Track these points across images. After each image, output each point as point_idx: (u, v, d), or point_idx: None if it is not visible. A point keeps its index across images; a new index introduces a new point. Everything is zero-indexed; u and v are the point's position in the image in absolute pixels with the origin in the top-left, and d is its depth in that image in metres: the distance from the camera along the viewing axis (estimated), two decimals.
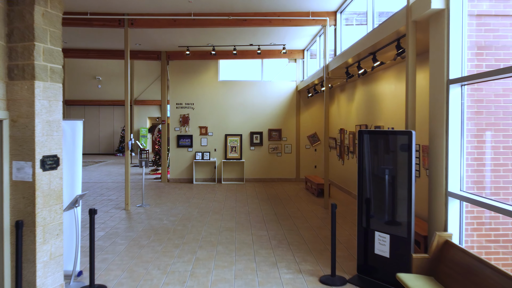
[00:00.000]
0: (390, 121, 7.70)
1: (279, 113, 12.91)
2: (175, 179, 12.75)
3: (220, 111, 12.83)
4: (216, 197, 10.08)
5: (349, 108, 10.49)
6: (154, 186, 11.82)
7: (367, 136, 4.66)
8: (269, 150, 12.88)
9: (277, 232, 6.75)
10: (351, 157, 10.23)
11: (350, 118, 10.33)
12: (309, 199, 9.87)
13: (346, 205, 9.10)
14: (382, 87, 8.15)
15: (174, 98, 12.82)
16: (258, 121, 12.87)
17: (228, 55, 12.47)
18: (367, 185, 4.65)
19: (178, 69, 12.80)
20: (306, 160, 12.96)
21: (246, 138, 12.87)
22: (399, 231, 4.28)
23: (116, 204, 9.04)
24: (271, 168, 12.90)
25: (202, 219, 7.66)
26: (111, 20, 8.49)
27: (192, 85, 12.81)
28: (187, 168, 12.75)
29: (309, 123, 12.97)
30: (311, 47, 12.33)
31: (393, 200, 4.40)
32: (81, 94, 25.02)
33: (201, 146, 12.79)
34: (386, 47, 5.93)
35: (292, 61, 13.00)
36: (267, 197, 10.12)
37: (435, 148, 4.20)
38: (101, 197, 10.00)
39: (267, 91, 12.90)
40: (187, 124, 12.75)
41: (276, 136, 12.90)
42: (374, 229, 4.53)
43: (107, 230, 6.81)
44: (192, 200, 9.58)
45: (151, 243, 6.07)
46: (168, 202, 9.39)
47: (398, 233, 4.28)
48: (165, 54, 12.59)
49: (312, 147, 12.97)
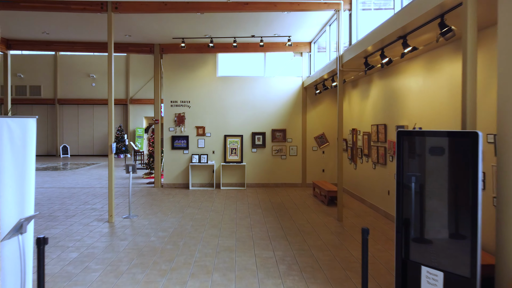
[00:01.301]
0: (416, 120, 6.57)
1: (283, 111, 11.78)
2: (169, 184, 11.62)
3: (219, 110, 11.70)
4: (214, 206, 8.96)
5: (363, 106, 9.36)
6: (145, 193, 10.70)
7: (413, 139, 3.53)
8: (273, 153, 11.75)
9: (286, 253, 5.62)
10: (365, 161, 9.10)
11: (365, 117, 9.20)
12: (319, 208, 8.74)
13: (362, 216, 7.97)
14: (406, 81, 7.02)
15: (168, 95, 11.69)
16: (260, 121, 11.75)
17: (227, 48, 11.35)
18: (411, 203, 3.52)
19: (173, 63, 11.67)
20: (313, 163, 11.83)
21: (248, 139, 11.74)
22: (458, 267, 3.15)
23: (99, 215, 7.92)
24: (275, 172, 11.77)
25: (196, 234, 6.53)
26: (92, 3, 7.37)
27: (188, 81, 11.69)
28: (182, 172, 11.62)
29: (317, 122, 11.84)
30: (318, 39, 11.22)
31: (451, 223, 3.27)
32: (74, 93, 23.89)
33: (198, 148, 11.66)
34: (421, 28, 4.80)
35: (298, 54, 11.87)
36: (271, 206, 8.99)
37: (508, 157, 3.08)
38: (84, 206, 8.88)
39: (271, 88, 11.78)
40: (182, 124, 11.63)
41: (280, 137, 11.77)
42: (420, 263, 3.40)
43: (82, 251, 5.68)
44: (186, 210, 8.45)
45: (132, 269, 4.94)
46: (159, 212, 8.27)
47: (457, 270, 3.15)
48: (159, 47, 11.47)
49: (319, 149, 11.84)
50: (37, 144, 27.25)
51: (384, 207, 7.98)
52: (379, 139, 8.21)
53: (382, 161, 8.04)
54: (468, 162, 3.09)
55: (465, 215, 3.12)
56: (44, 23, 9.42)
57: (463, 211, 3.17)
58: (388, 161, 7.76)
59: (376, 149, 8.31)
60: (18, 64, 23.28)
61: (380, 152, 8.14)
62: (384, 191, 7.98)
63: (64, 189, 11.21)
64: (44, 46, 11.28)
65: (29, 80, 23.66)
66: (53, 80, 23.72)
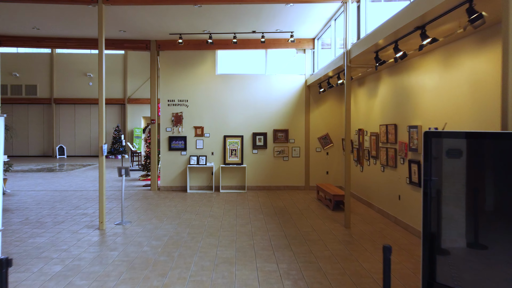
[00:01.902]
0: (431, 120, 6.06)
1: (285, 111, 11.27)
2: (166, 187, 11.11)
3: (218, 109, 11.20)
4: (213, 210, 8.45)
5: (370, 104, 8.85)
6: (141, 196, 10.19)
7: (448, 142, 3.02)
8: (275, 154, 11.24)
9: (291, 265, 5.11)
10: (373, 163, 8.60)
11: (372, 116, 8.69)
12: (324, 213, 8.23)
13: (370, 222, 7.46)
14: (419, 77, 6.51)
15: (165, 94, 11.18)
16: (261, 121, 11.24)
17: (227, 44, 10.85)
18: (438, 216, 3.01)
19: (170, 60, 11.17)
20: (317, 165, 11.31)
21: (248, 140, 11.24)
22: None
23: (90, 221, 7.41)
24: (277, 175, 11.26)
25: (193, 244, 6.02)
26: None
27: (186, 79, 11.18)
28: (180, 174, 11.11)
29: (320, 122, 11.33)
30: (322, 35, 10.71)
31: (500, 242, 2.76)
32: (71, 92, 23.39)
33: (196, 149, 11.15)
34: (444, 16, 4.29)
35: (301, 51, 11.36)
36: (274, 211, 8.49)
37: None
38: (75, 210, 8.37)
39: (272, 86, 11.27)
40: (180, 124, 11.13)
41: (283, 138, 11.26)
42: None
43: (67, 263, 5.17)
44: (183, 215, 7.94)
45: (120, 286, 4.44)
46: (154, 218, 7.76)
47: None
48: (155, 43, 10.97)
49: (323, 150, 11.33)
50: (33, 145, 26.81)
51: (394, 212, 7.47)
52: (388, 140, 7.70)
53: (392, 164, 7.53)
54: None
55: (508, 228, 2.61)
56: (34, 17, 8.91)
57: (504, 225, 2.66)
58: (398, 163, 7.26)
59: (385, 150, 7.80)
60: (13, 63, 22.79)
61: (389, 154, 7.63)
62: (394, 195, 7.47)
63: (56, 192, 10.71)
64: (35, 42, 10.77)
65: (24, 79, 23.16)
66: (50, 79, 23.22)
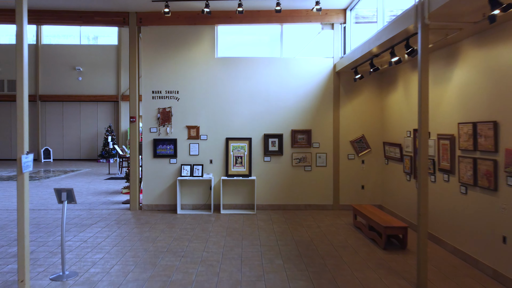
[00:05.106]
0: None
1: (307, 106, 8.55)
2: (150, 206, 8.46)
3: (218, 103, 8.51)
4: (208, 249, 5.77)
5: (438, 94, 6.09)
6: (113, 220, 7.54)
7: None
8: (293, 162, 8.52)
9: None
10: (443, 179, 5.85)
11: (441, 111, 5.94)
12: (373, 255, 5.50)
13: (452, 276, 4.70)
14: None
15: (148, 83, 8.53)
16: (275, 119, 8.53)
17: (230, 17, 8.18)
18: None
19: (155, 39, 8.51)
20: (349, 177, 8.57)
21: (258, 144, 8.53)
22: None
23: (13, 274, 4.76)
24: (296, 190, 8.53)
25: None
26: None
27: (176, 64, 8.51)
28: (168, 189, 8.45)
29: (354, 121, 8.58)
30: (357, 5, 8.01)
31: None
32: (58, 89, 20.88)
33: (189, 156, 8.48)
34: None
35: (328, 26, 8.62)
36: (296, 249, 5.77)
37: None
38: (5, 249, 5.73)
39: (290, 73, 8.54)
40: (168, 122, 8.47)
41: (304, 141, 8.54)
42: None
43: None
44: (162, 261, 5.27)
45: None
46: (117, 264, 5.10)
47: None
48: (135, 16, 8.32)
49: (358, 157, 8.58)
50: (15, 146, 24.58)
51: (492, 263, 4.72)
52: (477, 147, 4.96)
53: (485, 184, 4.79)
54: None
55: None
56: None
57: None
58: (501, 183, 4.51)
59: (472, 162, 5.06)
60: None
61: (481, 168, 4.89)
62: (491, 234, 4.73)
63: (5, 212, 8.12)
64: None
65: (6, 74, 20.73)
66: (34, 73, 20.74)
